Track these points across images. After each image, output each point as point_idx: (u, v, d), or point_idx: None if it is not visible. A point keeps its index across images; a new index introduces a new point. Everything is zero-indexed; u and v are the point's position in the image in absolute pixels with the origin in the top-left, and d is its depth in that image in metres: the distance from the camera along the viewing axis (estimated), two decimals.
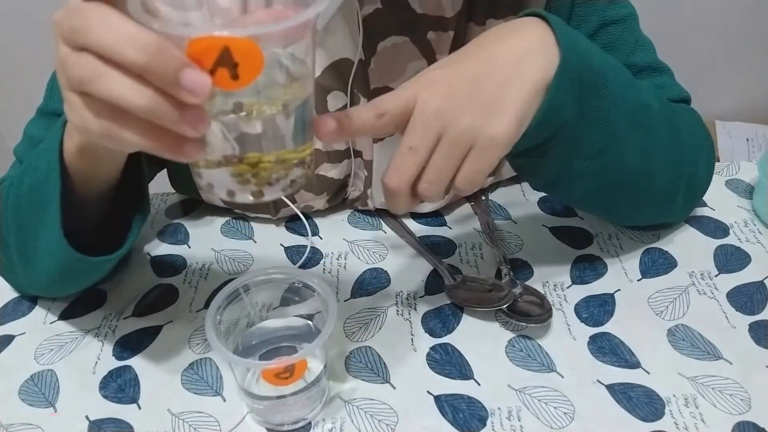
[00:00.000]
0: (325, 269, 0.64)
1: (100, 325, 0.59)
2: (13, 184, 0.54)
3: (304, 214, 0.68)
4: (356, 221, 0.71)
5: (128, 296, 0.62)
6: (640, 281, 0.61)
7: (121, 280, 0.63)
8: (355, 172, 0.67)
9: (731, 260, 0.63)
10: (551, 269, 0.63)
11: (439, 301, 0.60)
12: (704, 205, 0.69)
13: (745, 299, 0.59)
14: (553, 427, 0.49)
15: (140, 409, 0.52)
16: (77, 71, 0.33)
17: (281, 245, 0.68)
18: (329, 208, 0.70)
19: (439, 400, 0.51)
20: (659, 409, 0.50)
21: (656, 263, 0.63)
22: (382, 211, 0.71)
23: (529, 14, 0.47)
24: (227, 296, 0.50)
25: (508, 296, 0.58)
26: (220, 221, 0.71)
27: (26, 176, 0.51)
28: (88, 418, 0.51)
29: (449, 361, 0.54)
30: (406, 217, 0.70)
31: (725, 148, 1.47)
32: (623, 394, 0.51)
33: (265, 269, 0.52)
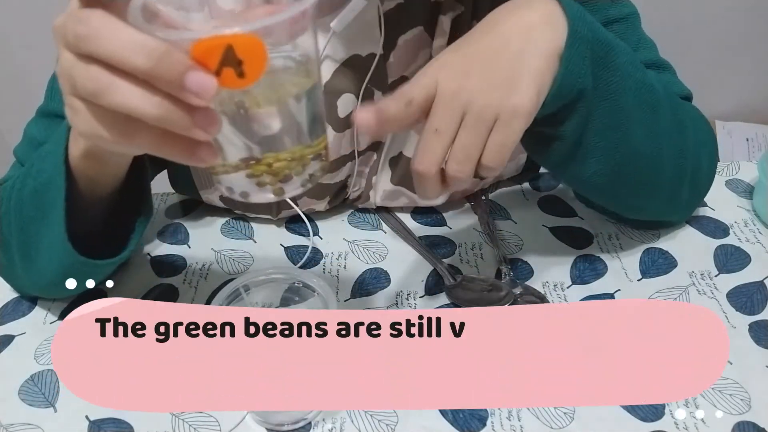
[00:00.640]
0: (325, 269, 0.64)
1: None
2: (15, 185, 0.54)
3: (304, 214, 0.68)
4: (356, 221, 0.71)
5: (128, 296, 0.61)
6: (640, 281, 0.61)
7: (121, 280, 0.63)
8: (358, 171, 0.67)
9: (731, 260, 0.63)
10: (551, 269, 0.63)
11: (439, 301, 0.60)
12: (704, 205, 0.69)
13: (745, 299, 0.59)
14: (553, 427, 0.49)
15: None
16: (88, 84, 0.33)
17: (281, 245, 0.68)
18: (330, 209, 0.70)
19: None
20: (659, 409, 0.50)
21: (656, 263, 0.63)
22: (382, 210, 0.71)
23: None
24: (227, 296, 0.50)
25: (508, 296, 0.58)
26: (220, 221, 0.71)
27: (30, 178, 0.51)
28: (88, 418, 0.51)
29: None
30: (406, 216, 0.70)
31: (725, 148, 1.47)
32: None
33: (265, 269, 0.52)
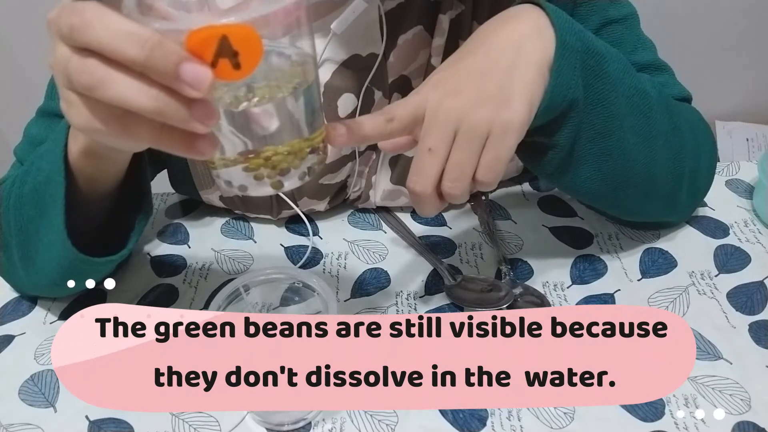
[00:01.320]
0: (325, 269, 0.64)
1: None
2: (15, 184, 0.54)
3: (304, 214, 0.68)
4: (356, 221, 0.70)
5: (128, 296, 0.62)
6: (640, 281, 0.61)
7: (121, 280, 0.63)
8: (358, 171, 0.66)
9: (731, 260, 0.63)
10: (551, 269, 0.62)
11: (439, 301, 0.60)
12: (704, 205, 0.69)
13: (745, 299, 0.58)
14: (553, 427, 0.49)
15: None
16: (83, 78, 0.33)
17: (281, 245, 0.68)
18: (330, 209, 0.70)
19: None
20: (659, 409, 0.50)
21: (656, 263, 0.63)
22: (382, 210, 0.71)
23: (522, 2, 0.48)
24: (227, 296, 0.50)
25: (508, 296, 0.58)
26: (220, 221, 0.71)
27: (29, 177, 0.51)
28: (88, 418, 0.51)
29: None
30: (406, 216, 0.70)
31: (725, 148, 1.47)
32: None
33: (265, 269, 0.52)
